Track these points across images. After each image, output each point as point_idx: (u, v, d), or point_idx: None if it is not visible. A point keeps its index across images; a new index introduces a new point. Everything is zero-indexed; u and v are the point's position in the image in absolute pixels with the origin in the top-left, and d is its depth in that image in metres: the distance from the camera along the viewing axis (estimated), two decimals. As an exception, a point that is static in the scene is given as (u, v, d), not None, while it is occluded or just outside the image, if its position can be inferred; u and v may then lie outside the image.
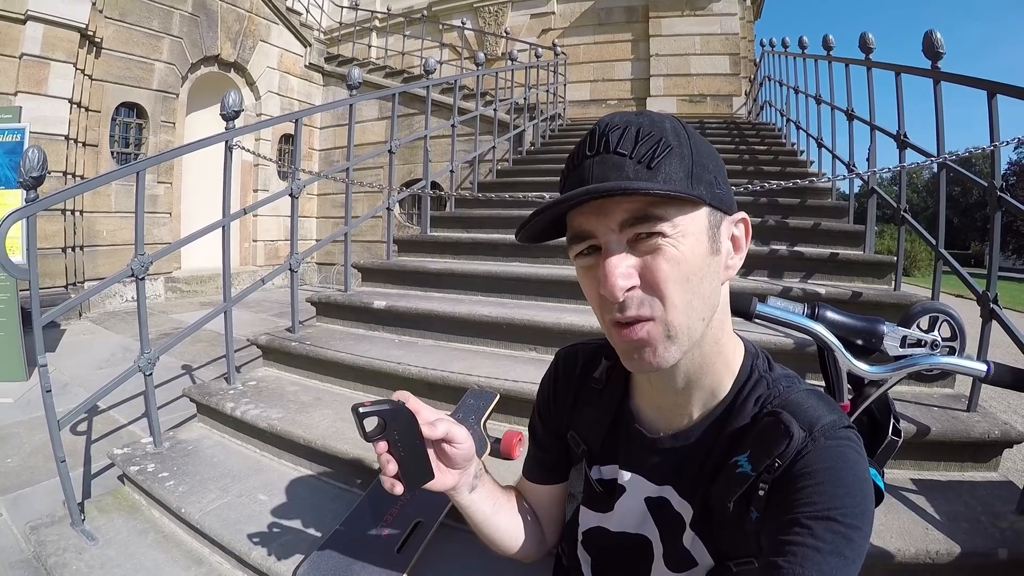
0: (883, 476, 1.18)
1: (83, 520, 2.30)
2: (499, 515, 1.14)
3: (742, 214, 0.88)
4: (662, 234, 0.77)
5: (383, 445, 0.95)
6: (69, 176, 7.19)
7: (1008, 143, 2.41)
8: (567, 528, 1.19)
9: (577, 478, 1.14)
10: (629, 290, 0.79)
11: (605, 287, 0.78)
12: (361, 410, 0.92)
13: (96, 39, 7.63)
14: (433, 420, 0.99)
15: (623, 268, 0.78)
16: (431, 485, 1.01)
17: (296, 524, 2.12)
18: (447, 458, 1.02)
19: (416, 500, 1.95)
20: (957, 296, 8.06)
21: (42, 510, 2.50)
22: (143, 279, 2.62)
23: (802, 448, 0.80)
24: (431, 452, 1.01)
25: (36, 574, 2.11)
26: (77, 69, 7.29)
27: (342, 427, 2.58)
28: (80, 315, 7.18)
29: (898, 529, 1.84)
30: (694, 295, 0.80)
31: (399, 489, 0.96)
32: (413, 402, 0.99)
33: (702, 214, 0.80)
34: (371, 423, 0.94)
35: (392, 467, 0.95)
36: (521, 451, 2.28)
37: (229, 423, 2.86)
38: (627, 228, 0.78)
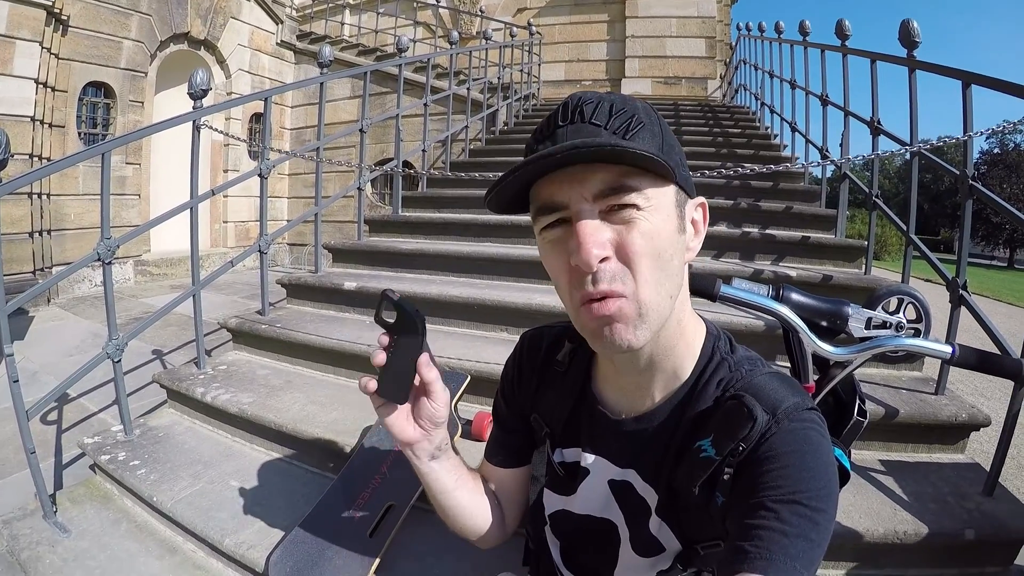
0: (849, 456, 1.19)
1: (55, 512, 2.28)
2: (460, 491, 1.12)
3: (701, 198, 0.90)
4: (636, 206, 0.77)
5: (385, 339, 0.95)
6: (35, 159, 7.03)
7: (981, 133, 2.44)
8: (532, 511, 1.18)
9: (540, 461, 1.13)
10: (603, 261, 0.77)
11: (579, 255, 0.76)
12: (390, 295, 0.93)
13: (63, 17, 7.44)
14: (433, 365, 0.98)
15: (599, 236, 0.77)
16: (393, 424, 0.99)
17: (269, 509, 2.12)
18: (419, 412, 1.00)
19: (388, 483, 1.95)
20: (926, 281, 8.22)
21: (13, 503, 2.45)
22: (110, 263, 2.57)
23: (766, 431, 0.80)
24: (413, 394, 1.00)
25: (9, 569, 2.07)
26: (43, 48, 7.12)
27: (313, 411, 2.57)
28: (48, 301, 7.06)
29: (866, 509, 1.87)
30: (663, 272, 0.80)
31: (372, 385, 0.95)
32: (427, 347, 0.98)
33: (671, 191, 0.81)
34: (391, 314, 0.94)
35: (380, 358, 0.94)
36: (492, 432, 2.28)
37: (200, 408, 2.84)
38: (601, 199, 0.77)
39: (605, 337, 0.81)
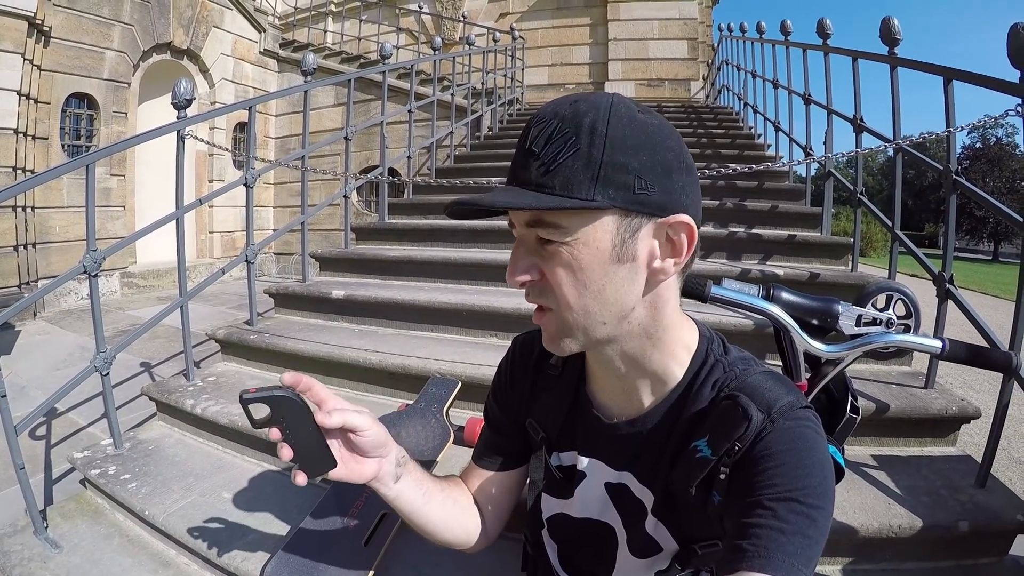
0: (843, 453, 1.20)
1: (46, 528, 2.25)
2: (430, 505, 1.10)
3: (684, 217, 0.80)
4: (558, 240, 0.78)
5: (275, 432, 0.90)
6: (19, 171, 7.00)
7: (963, 128, 2.45)
8: (530, 515, 1.18)
9: (537, 465, 1.13)
10: (527, 283, 0.84)
11: (507, 276, 0.84)
12: (244, 397, 0.87)
13: (45, 28, 7.42)
14: (331, 409, 0.93)
15: (524, 263, 0.83)
16: (346, 477, 0.96)
17: (262, 520, 2.10)
18: (357, 448, 0.97)
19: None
20: (912, 276, 8.25)
21: (4, 519, 2.43)
22: (96, 276, 2.55)
23: (761, 430, 0.80)
24: (337, 442, 0.96)
25: (0, 586, 2.07)
26: (25, 59, 7.10)
27: (306, 421, 2.55)
28: (35, 315, 7.02)
29: (861, 505, 1.88)
30: (592, 300, 0.81)
31: (300, 479, 0.92)
32: (316, 390, 0.94)
33: (607, 221, 0.78)
34: (260, 410, 0.89)
35: (286, 452, 0.91)
36: (485, 439, 2.27)
37: (190, 420, 2.82)
38: (531, 228, 0.80)
39: (543, 339, 0.90)
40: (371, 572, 1.73)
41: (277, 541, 1.92)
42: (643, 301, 0.84)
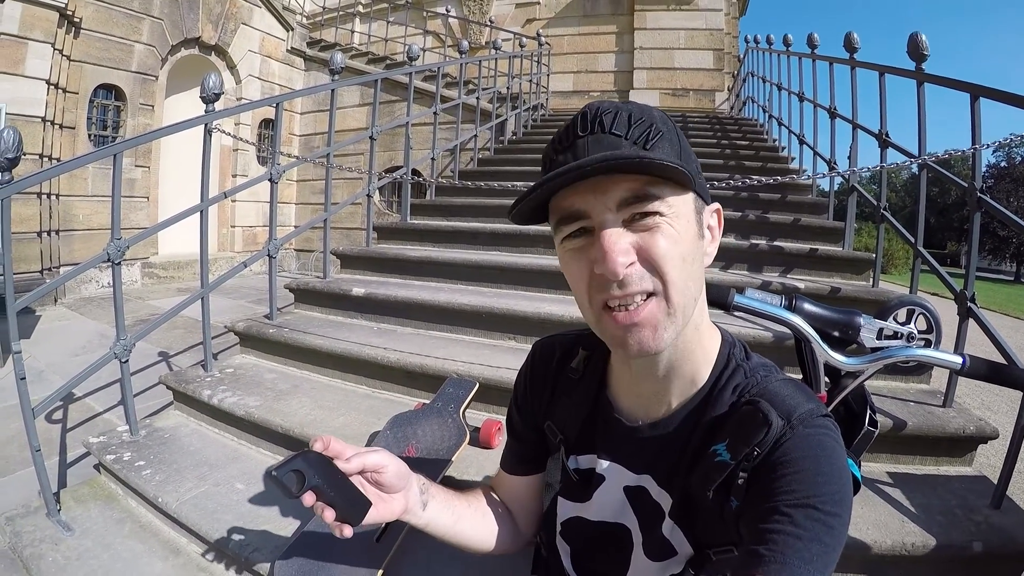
0: (860, 467, 1.19)
1: (59, 510, 2.28)
2: (461, 523, 1.13)
3: (716, 204, 0.90)
4: (660, 213, 0.78)
5: (310, 497, 0.91)
6: (45, 159, 7.10)
7: (989, 146, 2.43)
8: (545, 518, 1.18)
9: (554, 468, 1.13)
10: (628, 266, 0.78)
11: (605, 264, 0.77)
12: (274, 473, 0.89)
13: (75, 19, 7.52)
14: (348, 456, 0.96)
15: (623, 244, 0.78)
16: (381, 517, 0.99)
17: (274, 513, 2.11)
18: (381, 485, 0.99)
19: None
20: (933, 294, 8.17)
21: (17, 500, 2.46)
22: (119, 264, 2.59)
23: (780, 436, 0.80)
24: (362, 486, 0.98)
25: (12, 566, 2.07)
26: (55, 50, 7.19)
27: (320, 415, 2.57)
28: (55, 301, 7.10)
29: (874, 521, 1.87)
30: (688, 275, 0.81)
31: (348, 532, 0.94)
32: (334, 444, 0.96)
33: (691, 198, 0.82)
34: (291, 479, 0.90)
35: (329, 514, 0.92)
36: (500, 440, 2.27)
37: (206, 411, 2.85)
38: (624, 208, 0.78)
39: (631, 343, 0.82)
40: (381, 570, 1.74)
41: (289, 534, 1.94)
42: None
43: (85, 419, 3.56)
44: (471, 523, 1.15)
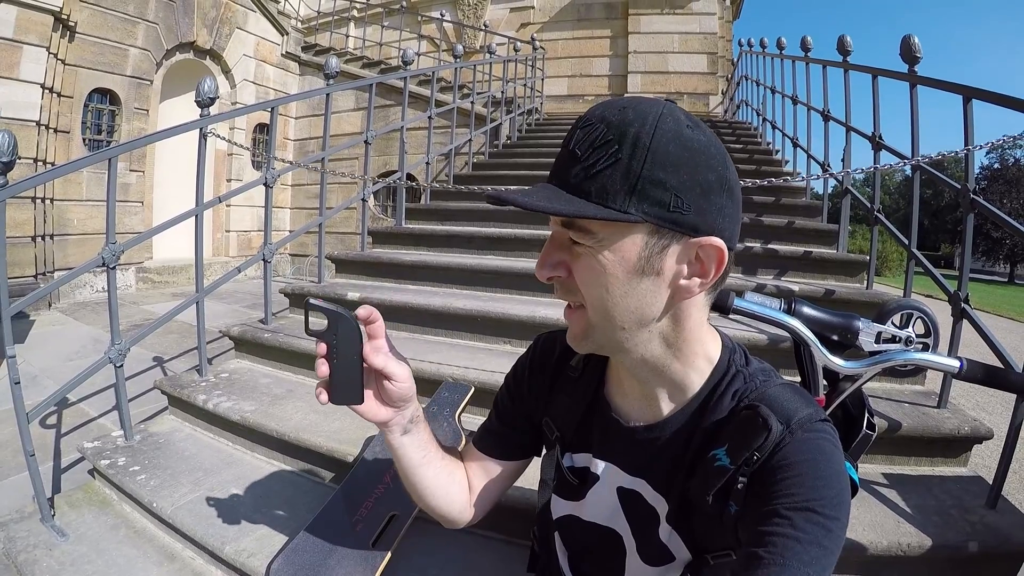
0: (857, 470, 1.20)
1: (53, 516, 2.27)
2: (426, 468, 1.12)
3: (715, 240, 0.80)
4: (583, 244, 0.81)
5: (322, 347, 0.93)
6: (39, 163, 7.08)
7: (982, 147, 2.44)
8: (540, 516, 1.18)
9: (549, 465, 1.14)
10: (553, 278, 0.87)
11: (536, 268, 0.88)
12: (310, 302, 0.92)
13: (70, 23, 7.51)
14: (379, 347, 0.97)
15: (553, 259, 0.86)
16: (363, 411, 0.99)
17: (270, 518, 2.11)
18: (385, 393, 1.00)
19: (391, 493, 1.95)
20: (927, 296, 8.21)
21: (11, 505, 2.44)
22: (114, 269, 2.58)
23: (780, 441, 0.81)
24: (372, 381, 1.00)
25: (6, 571, 2.06)
26: (50, 53, 7.19)
27: (316, 420, 2.57)
28: (50, 305, 7.08)
29: (870, 522, 1.88)
30: (613, 305, 0.83)
31: (324, 398, 0.95)
32: (376, 327, 0.96)
33: (637, 233, 0.79)
34: (319, 322, 0.92)
35: (323, 370, 0.94)
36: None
37: (201, 416, 2.84)
38: (564, 227, 0.83)
39: (568, 339, 0.94)
40: (379, 570, 1.74)
41: (284, 539, 1.93)
42: (667, 314, 0.85)
43: (79, 424, 3.55)
44: (434, 472, 1.14)
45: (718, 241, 0.80)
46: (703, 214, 0.78)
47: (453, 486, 1.17)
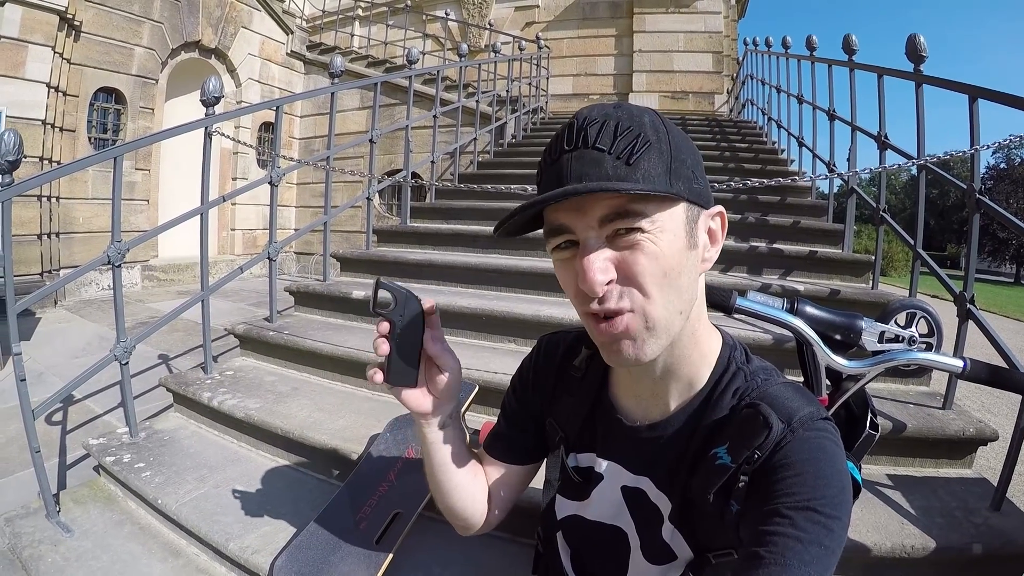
0: (860, 470, 1.19)
1: (58, 511, 2.28)
2: (455, 466, 1.13)
3: (718, 208, 0.88)
4: (641, 230, 0.78)
5: (385, 325, 0.95)
6: (45, 162, 7.11)
7: (988, 147, 2.43)
8: (544, 515, 1.18)
9: (554, 465, 1.14)
10: (608, 284, 0.79)
11: (584, 282, 0.79)
12: (381, 280, 0.96)
13: (75, 22, 7.54)
14: (439, 337, 1.00)
15: (601, 263, 0.79)
16: (409, 396, 1.01)
17: (274, 515, 2.11)
18: (432, 383, 1.02)
19: (395, 491, 1.95)
20: (933, 296, 8.18)
21: (17, 501, 2.45)
22: (119, 267, 2.59)
23: (781, 440, 0.81)
24: (423, 369, 1.01)
25: (11, 566, 2.07)
26: (55, 53, 7.21)
27: (320, 418, 2.57)
28: (56, 303, 7.10)
29: (874, 523, 1.87)
30: (672, 289, 0.81)
31: (379, 378, 0.96)
32: (435, 318, 1.00)
33: (680, 210, 0.81)
34: (386, 301, 0.95)
35: (384, 348, 0.95)
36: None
37: (206, 413, 2.84)
38: (606, 224, 0.78)
39: (614, 352, 0.84)
40: (382, 568, 1.74)
41: (288, 536, 1.93)
42: (696, 293, 0.87)
43: (85, 421, 3.57)
44: (462, 473, 1.15)
45: (721, 208, 0.89)
46: (707, 189, 0.87)
47: (476, 489, 1.18)
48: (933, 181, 3.04)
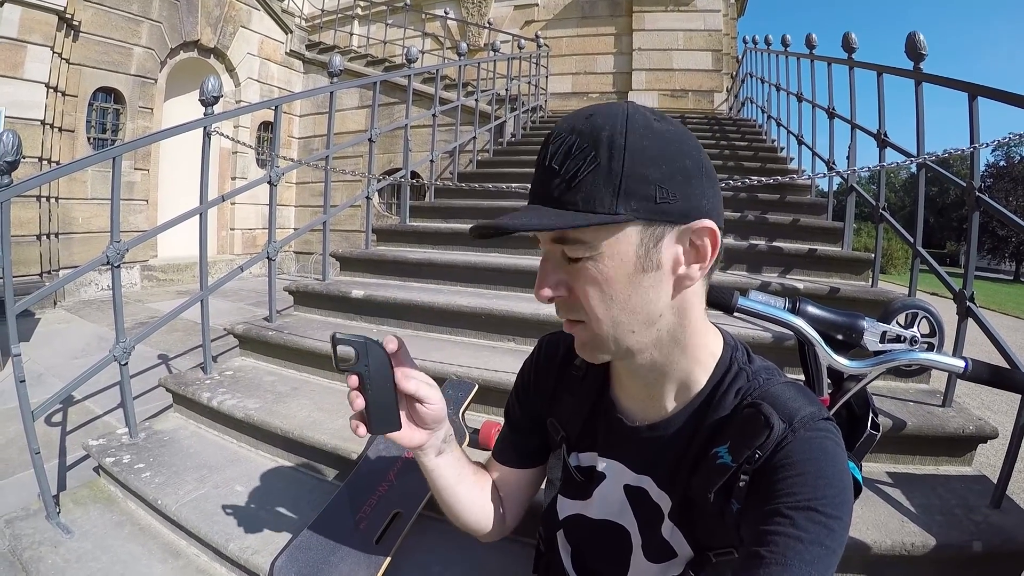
0: (861, 469, 1.19)
1: (58, 513, 2.28)
2: (461, 486, 1.13)
3: (704, 222, 0.80)
4: (582, 257, 0.80)
5: (354, 379, 0.93)
6: (44, 162, 7.10)
7: (987, 145, 2.43)
8: (545, 515, 1.19)
9: (556, 464, 1.14)
10: (556, 298, 0.85)
11: (535, 292, 0.86)
12: (337, 335, 0.92)
13: (74, 22, 7.53)
14: (409, 373, 0.98)
15: (552, 279, 0.84)
16: (398, 437, 0.99)
17: (274, 515, 2.12)
18: (418, 416, 1.01)
19: (394, 490, 1.95)
20: (932, 294, 8.19)
21: (17, 503, 2.45)
22: (119, 267, 2.59)
23: (782, 439, 0.80)
24: (404, 406, 1.00)
25: (11, 568, 2.07)
26: (54, 53, 7.20)
27: (320, 417, 2.57)
28: (55, 304, 7.10)
29: (874, 521, 1.87)
30: (619, 311, 0.82)
31: (362, 431, 0.95)
32: (401, 354, 0.99)
33: (630, 232, 0.78)
34: (347, 355, 0.92)
35: (359, 403, 0.94)
36: (499, 442, 2.27)
37: (206, 413, 2.84)
38: (556, 244, 0.82)
39: (577, 348, 0.92)
40: (382, 568, 1.74)
41: (288, 536, 1.93)
42: (671, 307, 0.85)
43: (85, 422, 3.57)
44: (469, 489, 1.15)
45: (709, 222, 0.81)
46: (689, 199, 0.79)
47: (486, 501, 1.19)
48: (933, 179, 3.05)
